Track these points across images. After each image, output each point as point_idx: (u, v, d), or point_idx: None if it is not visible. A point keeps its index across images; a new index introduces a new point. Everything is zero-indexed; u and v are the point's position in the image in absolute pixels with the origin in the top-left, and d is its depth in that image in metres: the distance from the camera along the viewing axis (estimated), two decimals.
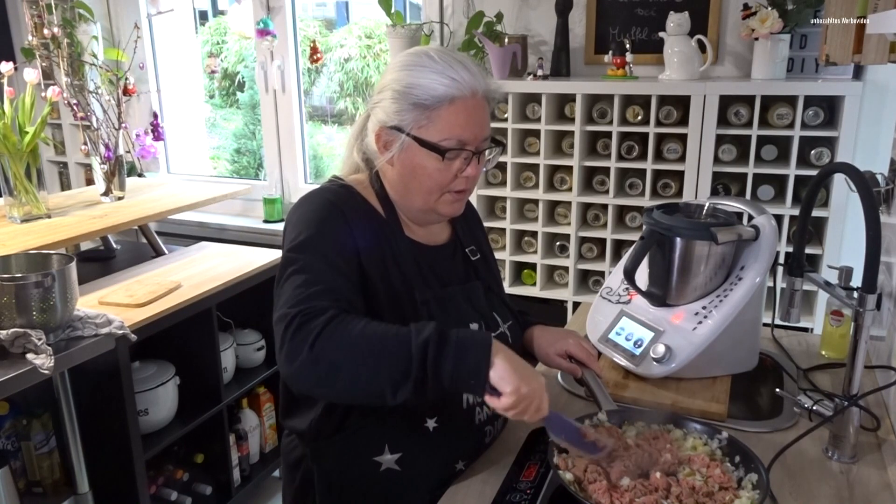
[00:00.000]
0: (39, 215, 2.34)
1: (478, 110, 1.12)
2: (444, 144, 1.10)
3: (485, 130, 1.14)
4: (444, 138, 1.10)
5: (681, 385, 1.39)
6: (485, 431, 1.23)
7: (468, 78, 1.10)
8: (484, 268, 1.30)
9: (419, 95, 1.09)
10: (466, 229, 1.33)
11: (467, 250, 1.29)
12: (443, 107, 1.09)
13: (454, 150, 1.11)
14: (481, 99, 1.12)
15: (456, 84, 1.09)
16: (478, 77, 1.11)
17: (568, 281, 2.58)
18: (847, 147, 2.10)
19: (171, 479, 2.26)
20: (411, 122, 1.10)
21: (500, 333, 1.24)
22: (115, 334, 1.76)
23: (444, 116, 1.09)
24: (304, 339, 0.97)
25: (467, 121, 1.10)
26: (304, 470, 1.23)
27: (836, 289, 1.23)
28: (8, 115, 2.17)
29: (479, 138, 1.13)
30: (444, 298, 1.18)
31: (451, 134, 1.10)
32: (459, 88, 1.09)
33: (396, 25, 2.66)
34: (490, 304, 1.26)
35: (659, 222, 1.41)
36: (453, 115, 1.09)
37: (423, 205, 1.17)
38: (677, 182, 2.36)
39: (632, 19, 2.56)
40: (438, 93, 1.08)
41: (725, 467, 1.08)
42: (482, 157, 1.16)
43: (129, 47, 2.94)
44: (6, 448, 1.86)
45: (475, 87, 1.10)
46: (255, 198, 3.33)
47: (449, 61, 1.10)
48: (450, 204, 1.17)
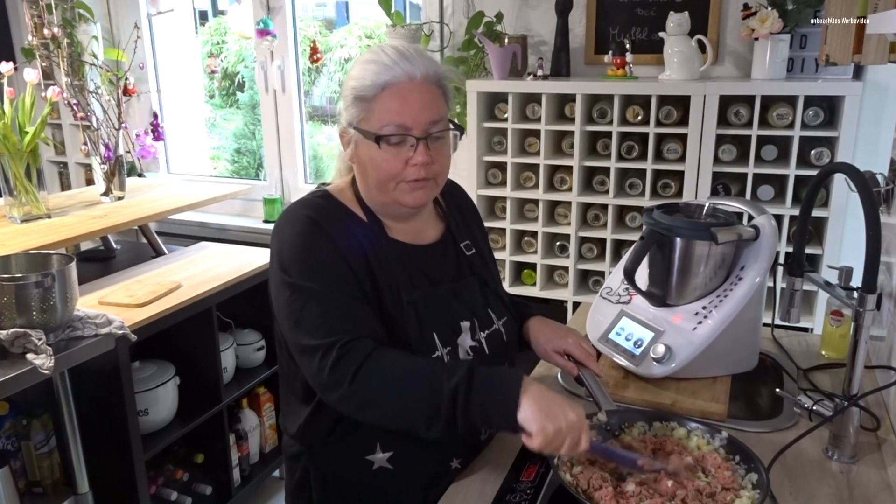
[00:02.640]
0: (39, 215, 2.34)
1: (416, 94, 1.10)
2: (384, 131, 1.09)
3: (429, 114, 1.11)
4: (383, 125, 1.09)
5: (681, 385, 1.39)
6: (480, 429, 1.22)
7: (401, 62, 1.09)
8: (480, 262, 1.29)
9: (357, 88, 1.10)
10: (461, 224, 1.32)
11: (461, 245, 1.28)
12: (378, 95, 1.09)
13: (392, 136, 1.09)
14: (421, 83, 1.10)
15: (388, 70, 1.08)
16: (416, 61, 1.10)
17: (568, 281, 2.58)
18: (847, 147, 2.10)
19: (171, 479, 2.26)
20: (356, 116, 1.12)
21: (494, 331, 1.24)
22: (115, 334, 1.76)
23: (379, 104, 1.09)
24: (343, 373, 1.04)
25: (402, 105, 1.09)
26: (302, 467, 1.24)
27: (836, 289, 1.23)
28: (8, 115, 2.17)
29: (422, 122, 1.10)
30: (432, 298, 1.18)
31: (388, 120, 1.09)
32: (392, 74, 1.08)
33: (396, 25, 2.66)
34: (485, 301, 1.25)
35: (659, 222, 1.41)
36: (388, 100, 1.09)
37: (381, 197, 1.16)
38: (677, 182, 2.36)
39: (632, 19, 2.56)
40: (371, 81, 1.09)
41: (734, 467, 1.08)
42: (437, 143, 1.13)
43: (129, 47, 2.94)
44: (6, 448, 1.86)
45: (411, 72, 1.09)
46: (255, 198, 3.33)
47: (384, 49, 1.11)
48: (409, 193, 1.14)
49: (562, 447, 0.99)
